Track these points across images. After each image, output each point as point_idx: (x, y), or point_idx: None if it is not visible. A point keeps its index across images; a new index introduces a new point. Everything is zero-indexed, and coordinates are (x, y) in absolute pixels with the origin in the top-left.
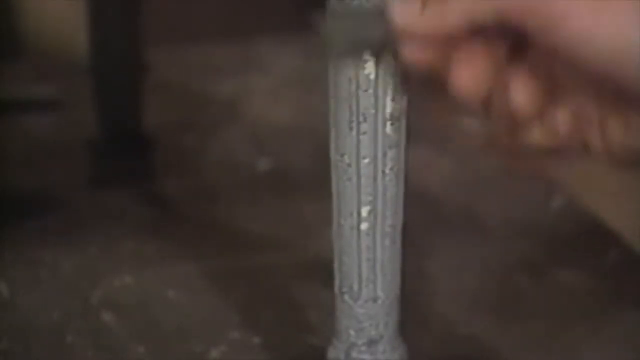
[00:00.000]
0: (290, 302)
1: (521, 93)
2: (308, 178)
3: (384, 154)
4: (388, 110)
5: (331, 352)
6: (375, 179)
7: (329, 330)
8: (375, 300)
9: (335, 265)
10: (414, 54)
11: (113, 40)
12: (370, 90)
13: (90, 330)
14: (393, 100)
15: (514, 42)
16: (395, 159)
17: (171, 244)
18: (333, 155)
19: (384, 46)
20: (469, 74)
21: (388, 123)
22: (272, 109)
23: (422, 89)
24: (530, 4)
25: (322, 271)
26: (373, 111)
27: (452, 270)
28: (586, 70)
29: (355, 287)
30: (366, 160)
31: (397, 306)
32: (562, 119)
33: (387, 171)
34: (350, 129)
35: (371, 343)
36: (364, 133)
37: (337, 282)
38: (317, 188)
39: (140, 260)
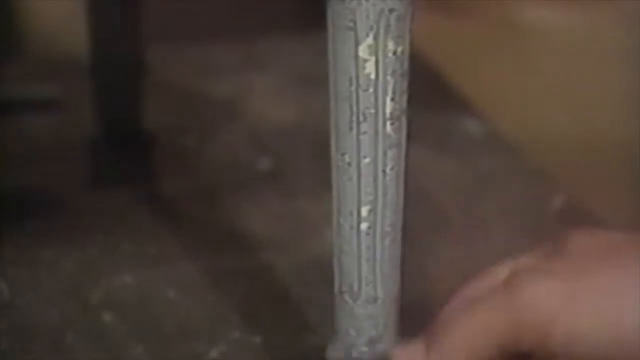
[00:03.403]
0: (290, 302)
1: None
2: (308, 178)
3: (384, 154)
4: (388, 110)
5: (331, 352)
6: (375, 178)
7: (329, 330)
8: (375, 300)
9: (335, 265)
10: None
11: (113, 40)
12: (371, 90)
13: (90, 330)
14: (393, 100)
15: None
16: (395, 158)
17: (171, 244)
18: (333, 155)
19: None
20: None
21: (388, 123)
22: (272, 109)
23: None
24: (520, 324)
25: (322, 271)
26: (373, 111)
27: (452, 270)
28: None
29: (355, 286)
30: (366, 160)
31: (397, 306)
32: None
33: (387, 171)
34: (351, 128)
35: (371, 343)
36: (364, 133)
37: (336, 282)
38: (317, 188)
39: (140, 260)
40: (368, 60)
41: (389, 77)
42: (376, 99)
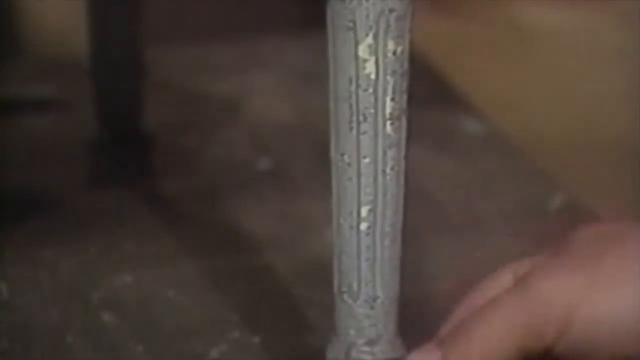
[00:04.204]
0: (290, 302)
1: None
2: (308, 178)
3: (384, 154)
4: (388, 110)
5: (331, 352)
6: (375, 178)
7: (329, 330)
8: (374, 299)
9: (335, 264)
10: None
11: (113, 40)
12: (370, 90)
13: (90, 330)
14: (393, 100)
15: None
16: (395, 158)
17: (171, 244)
18: (333, 155)
19: None
20: None
21: (388, 123)
22: (272, 108)
23: None
24: (540, 320)
25: (322, 271)
26: (373, 111)
27: (452, 270)
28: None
29: (355, 286)
30: (366, 160)
31: (396, 306)
32: None
33: (387, 171)
34: (350, 128)
35: (371, 343)
36: (364, 133)
37: (336, 282)
38: (317, 188)
39: (140, 260)
40: (368, 60)
41: (388, 77)
42: (376, 99)
